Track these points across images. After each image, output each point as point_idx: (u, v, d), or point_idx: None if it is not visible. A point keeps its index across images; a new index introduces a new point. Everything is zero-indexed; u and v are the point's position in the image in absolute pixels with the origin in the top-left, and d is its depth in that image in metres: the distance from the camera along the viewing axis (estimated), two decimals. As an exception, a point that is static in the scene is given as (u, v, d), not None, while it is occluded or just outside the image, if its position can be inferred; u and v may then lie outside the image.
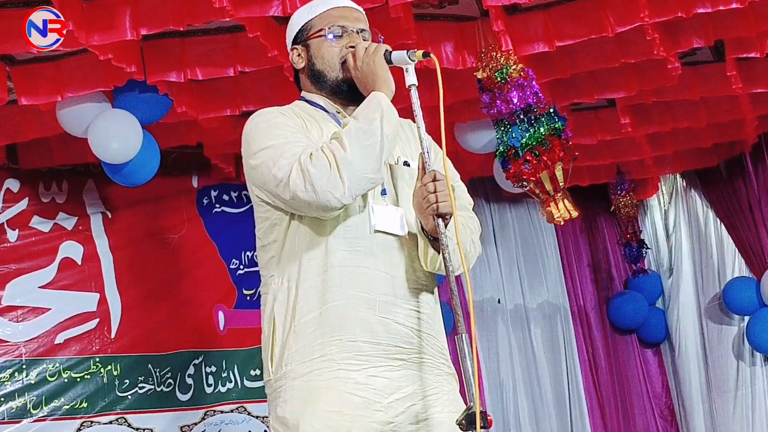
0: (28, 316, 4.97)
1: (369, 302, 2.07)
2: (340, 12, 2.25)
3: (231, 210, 5.78)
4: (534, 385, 6.55)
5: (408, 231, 2.16)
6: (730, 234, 6.68)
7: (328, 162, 1.98)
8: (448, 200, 2.02)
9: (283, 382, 2.08)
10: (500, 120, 4.36)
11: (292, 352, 2.07)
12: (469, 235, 2.21)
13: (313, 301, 2.08)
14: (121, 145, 4.22)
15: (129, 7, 3.61)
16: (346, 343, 2.05)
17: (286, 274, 2.13)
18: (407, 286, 2.13)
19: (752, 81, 4.99)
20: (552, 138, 4.25)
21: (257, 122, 2.17)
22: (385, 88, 2.11)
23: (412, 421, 2.07)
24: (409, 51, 2.13)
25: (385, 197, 2.17)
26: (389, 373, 2.06)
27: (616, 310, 6.92)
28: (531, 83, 4.25)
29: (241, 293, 5.69)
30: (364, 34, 2.26)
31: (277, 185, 2.03)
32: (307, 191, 1.98)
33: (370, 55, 2.14)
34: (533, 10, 4.19)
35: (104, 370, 5.10)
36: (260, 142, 2.11)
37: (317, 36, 2.23)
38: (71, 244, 5.17)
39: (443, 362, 2.18)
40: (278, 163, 2.03)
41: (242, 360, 5.54)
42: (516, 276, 6.80)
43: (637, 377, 6.95)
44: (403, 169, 2.23)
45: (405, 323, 2.10)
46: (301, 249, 2.11)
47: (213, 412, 5.40)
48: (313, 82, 2.27)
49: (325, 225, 2.09)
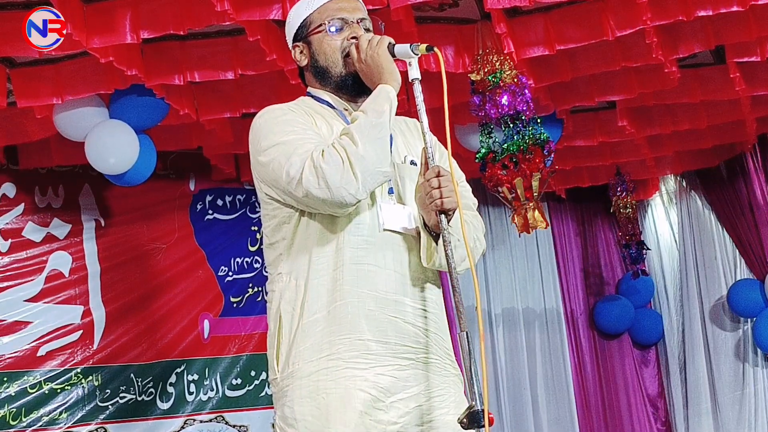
0: (12, 328, 5.31)
1: (378, 300, 2.16)
2: (337, 4, 2.33)
3: (223, 217, 6.10)
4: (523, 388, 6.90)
5: (416, 228, 2.24)
6: (731, 235, 7.01)
7: (340, 158, 2.06)
8: (453, 196, 2.11)
9: (290, 381, 2.16)
10: (486, 123, 4.63)
11: (300, 350, 2.15)
12: (473, 232, 2.30)
13: (322, 299, 2.16)
14: (117, 159, 4.48)
15: (129, 10, 3.83)
16: (354, 342, 2.13)
17: (294, 271, 2.21)
18: (415, 284, 2.22)
19: (753, 84, 5.27)
20: (534, 148, 4.50)
21: (266, 119, 2.25)
22: (391, 80, 2.20)
23: (418, 422, 2.16)
24: (413, 44, 2.20)
25: (392, 196, 2.26)
26: (397, 372, 2.15)
27: (602, 315, 7.26)
28: (523, 90, 4.51)
29: (228, 300, 6.03)
30: (364, 23, 2.34)
31: (289, 182, 2.10)
32: (321, 188, 2.06)
33: (374, 47, 2.21)
34: (534, 13, 4.42)
35: (85, 380, 5.42)
36: (271, 139, 2.18)
37: (318, 31, 2.32)
38: (61, 254, 5.52)
39: (449, 363, 2.27)
40: (291, 159, 2.10)
41: (224, 368, 5.87)
42: (512, 279, 7.15)
43: (629, 380, 7.28)
44: (410, 168, 2.32)
45: (414, 322, 2.19)
46: (310, 246, 2.19)
47: (192, 421, 5.72)
48: (317, 78, 2.35)
49: (336, 222, 2.18)
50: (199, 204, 6.07)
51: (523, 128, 4.52)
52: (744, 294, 6.72)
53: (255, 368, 5.84)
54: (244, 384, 5.83)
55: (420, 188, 2.19)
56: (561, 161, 5.84)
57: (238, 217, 6.15)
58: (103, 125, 4.56)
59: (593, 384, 7.21)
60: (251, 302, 6.07)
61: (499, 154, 4.55)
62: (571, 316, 7.29)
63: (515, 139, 4.51)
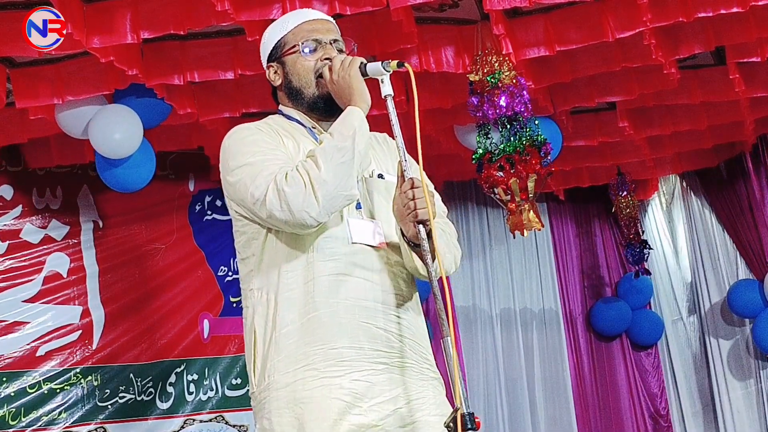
0: (10, 329, 5.32)
1: (348, 308, 2.20)
2: (311, 25, 2.40)
3: (222, 217, 6.09)
4: (523, 389, 6.90)
5: (388, 240, 2.30)
6: (730, 235, 7.04)
7: (303, 182, 2.12)
8: (426, 206, 2.15)
9: (267, 393, 2.20)
10: (484, 124, 4.64)
11: (274, 363, 2.19)
12: (447, 239, 2.36)
13: (293, 312, 2.20)
14: (122, 136, 4.43)
15: (129, 10, 3.84)
16: (328, 351, 2.17)
17: (265, 287, 2.25)
18: (388, 292, 2.26)
19: (753, 85, 5.28)
20: (531, 149, 4.51)
21: (234, 139, 2.31)
22: (360, 101, 2.25)
23: (400, 424, 2.19)
24: (384, 62, 2.25)
25: (361, 210, 2.32)
26: (372, 377, 2.19)
27: (598, 317, 7.27)
28: (521, 92, 4.52)
29: (228, 300, 6.05)
30: (337, 44, 2.39)
31: (254, 203, 2.17)
32: (283, 210, 2.12)
33: (346, 68, 2.27)
34: (534, 14, 4.43)
35: (85, 380, 5.43)
36: (238, 159, 2.25)
37: (292, 52, 2.38)
38: (59, 256, 5.53)
39: (427, 367, 2.30)
40: (255, 181, 2.17)
41: (224, 367, 5.88)
42: (510, 280, 7.16)
43: (628, 381, 7.29)
44: (378, 181, 2.37)
45: (386, 327, 2.23)
46: (279, 262, 2.24)
47: (192, 421, 5.73)
48: (290, 98, 2.41)
49: (304, 238, 2.23)
50: (197, 204, 6.08)
51: (520, 129, 4.53)
52: (744, 294, 6.74)
53: (255, 368, 5.82)
54: (243, 384, 5.84)
55: (397, 200, 2.23)
56: (561, 162, 5.84)
57: (238, 218, 6.14)
58: (108, 108, 4.55)
59: (591, 385, 7.22)
60: (252, 302, 6.05)
61: (496, 155, 4.55)
62: (569, 317, 7.29)
63: (512, 140, 4.52)
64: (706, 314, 7.21)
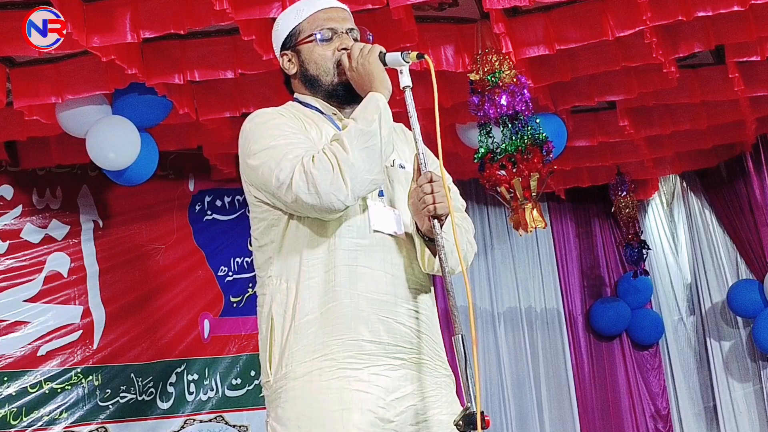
0: (11, 329, 5.33)
1: (371, 301, 2.17)
2: (327, 14, 2.36)
3: (222, 217, 6.12)
4: (525, 389, 6.90)
5: (405, 232, 2.26)
6: (730, 235, 7.04)
7: (330, 164, 2.07)
8: (445, 201, 2.12)
9: (283, 382, 2.16)
10: (485, 123, 4.64)
11: (293, 352, 2.15)
12: (464, 234, 2.33)
13: (314, 301, 2.16)
14: (118, 154, 4.48)
15: (129, 10, 3.84)
16: (347, 342, 2.14)
17: (284, 274, 2.21)
18: (407, 286, 2.24)
19: (752, 84, 5.29)
20: (533, 148, 4.51)
21: (256, 122, 2.26)
22: (382, 88, 2.22)
23: (412, 422, 2.17)
24: (404, 52, 2.22)
25: (383, 198, 2.28)
26: (390, 372, 2.16)
27: (597, 317, 7.27)
28: (522, 90, 4.52)
29: (228, 300, 6.05)
30: (353, 33, 2.37)
31: (279, 187, 2.12)
32: (310, 194, 2.07)
33: (365, 55, 2.24)
34: (533, 12, 4.43)
35: (85, 380, 5.44)
36: (261, 143, 2.19)
37: (308, 41, 2.33)
38: (59, 256, 5.54)
39: (440, 364, 2.28)
40: (281, 164, 2.12)
41: (224, 368, 5.88)
42: (511, 279, 7.16)
43: (628, 380, 7.29)
44: (399, 171, 2.34)
45: (406, 323, 2.21)
46: (301, 248, 2.19)
47: (192, 421, 5.74)
48: (307, 86, 2.37)
49: (327, 225, 2.19)
50: (197, 204, 6.09)
51: (522, 128, 4.53)
52: (744, 294, 6.74)
53: (255, 368, 5.83)
54: (244, 384, 5.84)
55: (413, 194, 2.21)
56: (561, 162, 5.85)
57: (238, 218, 6.16)
58: (105, 121, 4.57)
59: (592, 384, 7.22)
60: (251, 302, 6.06)
61: (498, 154, 4.55)
62: (570, 317, 7.30)
63: (513, 139, 4.52)
64: (706, 314, 7.21)
